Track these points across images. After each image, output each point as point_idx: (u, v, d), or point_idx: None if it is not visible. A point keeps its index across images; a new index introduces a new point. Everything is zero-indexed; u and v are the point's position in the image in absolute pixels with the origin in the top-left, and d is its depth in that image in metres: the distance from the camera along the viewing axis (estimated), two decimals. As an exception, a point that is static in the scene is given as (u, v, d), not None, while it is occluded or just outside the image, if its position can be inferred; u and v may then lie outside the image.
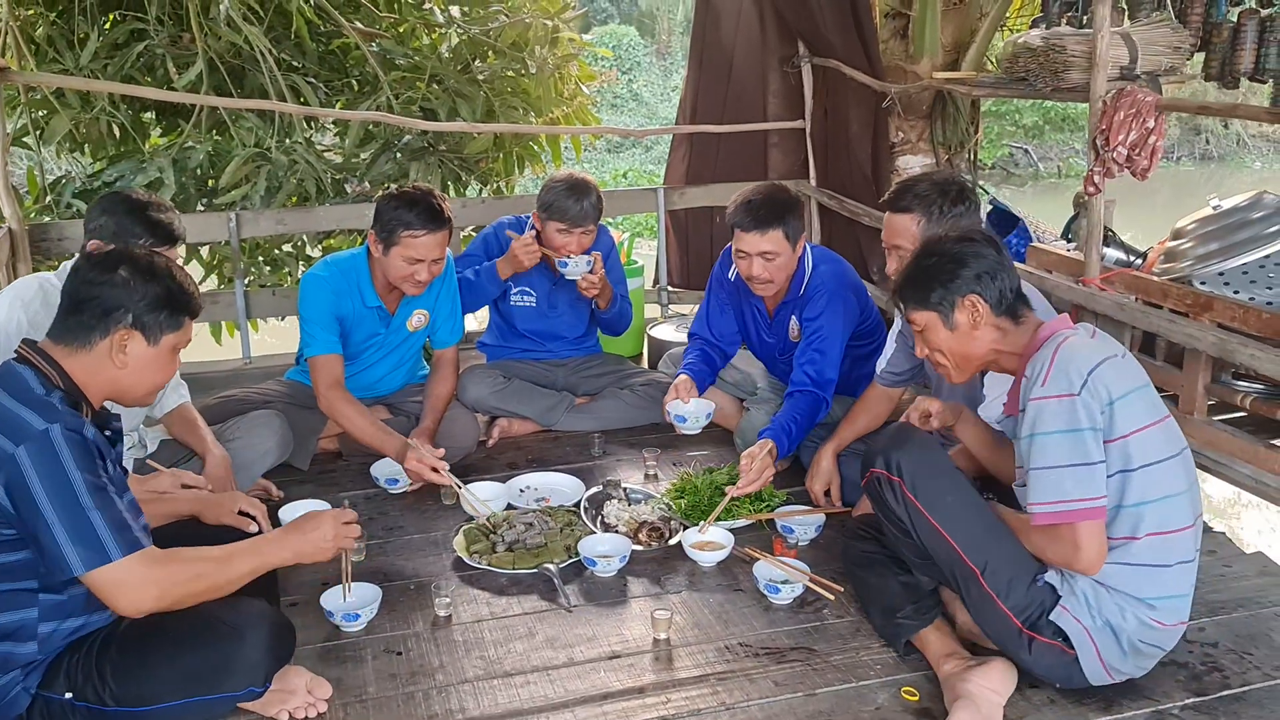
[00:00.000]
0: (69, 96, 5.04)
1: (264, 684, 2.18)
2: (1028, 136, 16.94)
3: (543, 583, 2.88)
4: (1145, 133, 3.46)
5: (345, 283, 3.50)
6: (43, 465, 1.89)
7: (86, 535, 1.92)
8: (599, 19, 19.62)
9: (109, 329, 2.06)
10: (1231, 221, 3.62)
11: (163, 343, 2.13)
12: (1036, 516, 2.17)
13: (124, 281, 2.07)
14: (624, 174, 15.12)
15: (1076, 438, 2.11)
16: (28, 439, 1.90)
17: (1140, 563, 2.17)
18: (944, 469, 2.38)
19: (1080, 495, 2.12)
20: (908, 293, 2.36)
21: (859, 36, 4.97)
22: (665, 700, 2.38)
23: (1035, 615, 2.23)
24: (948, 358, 2.36)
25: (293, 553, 2.26)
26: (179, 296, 2.13)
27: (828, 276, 3.47)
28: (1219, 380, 3.51)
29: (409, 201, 3.33)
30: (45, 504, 1.89)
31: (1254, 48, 3.90)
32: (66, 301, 2.09)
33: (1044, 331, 2.26)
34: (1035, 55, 3.92)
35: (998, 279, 2.27)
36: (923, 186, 2.87)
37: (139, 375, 2.12)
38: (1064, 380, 2.12)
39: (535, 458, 3.76)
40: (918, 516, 2.33)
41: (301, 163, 5.00)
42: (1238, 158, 17.49)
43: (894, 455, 2.37)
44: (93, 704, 2.08)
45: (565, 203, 3.72)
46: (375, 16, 5.65)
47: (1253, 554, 3.06)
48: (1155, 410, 2.21)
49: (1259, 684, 2.41)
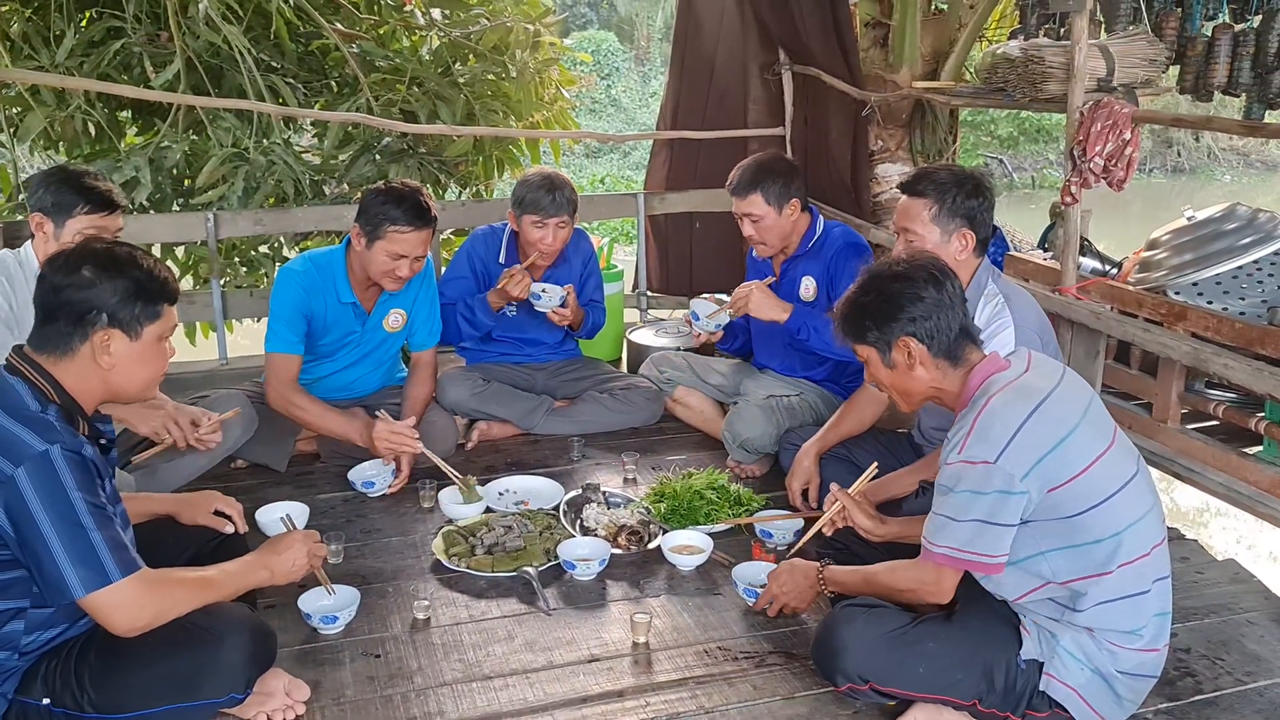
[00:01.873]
0: (44, 94, 4.97)
1: (245, 690, 2.15)
2: (1003, 147, 17.07)
3: (522, 586, 2.87)
4: (1121, 144, 3.50)
5: (320, 278, 3.51)
6: (43, 486, 1.87)
7: (87, 557, 1.91)
8: (578, 24, 19.61)
9: (87, 333, 2.01)
10: (1206, 233, 3.67)
11: (145, 335, 2.08)
12: (933, 554, 2.16)
13: (90, 281, 2.01)
14: (601, 179, 15.12)
15: (984, 499, 2.08)
16: (27, 460, 1.87)
17: (1119, 595, 2.12)
18: (899, 643, 2.23)
19: (976, 549, 2.11)
20: (846, 327, 2.32)
21: (839, 45, 5.01)
22: (644, 704, 2.38)
23: (1028, 697, 2.19)
24: (890, 390, 2.34)
25: (270, 573, 2.31)
26: (150, 285, 2.07)
27: (844, 234, 3.70)
28: (1192, 389, 3.55)
29: (397, 197, 3.37)
30: (46, 525, 1.87)
31: (1228, 62, 3.97)
32: (39, 312, 2.05)
33: (974, 379, 2.20)
34: (1014, 66, 3.97)
35: (933, 320, 2.20)
36: (942, 175, 2.89)
37: (129, 372, 2.08)
38: (982, 447, 2.07)
39: (514, 461, 3.75)
40: (904, 698, 2.27)
41: (280, 163, 4.96)
42: (1208, 170, 17.71)
43: (849, 666, 2.23)
44: (71, 710, 2.05)
45: (538, 195, 3.75)
46: (355, 18, 5.63)
47: (1224, 561, 3.10)
48: (1100, 439, 2.14)
49: (1230, 689, 2.45)
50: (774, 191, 3.56)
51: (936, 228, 2.85)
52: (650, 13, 19.53)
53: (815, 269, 3.67)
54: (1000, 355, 2.24)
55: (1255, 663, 2.55)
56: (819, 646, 2.33)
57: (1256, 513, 3.23)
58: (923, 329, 2.21)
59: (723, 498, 3.26)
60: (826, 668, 2.30)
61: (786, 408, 3.61)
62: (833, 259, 3.64)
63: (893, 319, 2.22)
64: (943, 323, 2.21)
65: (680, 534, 3.05)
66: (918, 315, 2.21)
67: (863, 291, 2.30)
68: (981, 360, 2.23)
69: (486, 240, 4.00)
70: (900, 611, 2.32)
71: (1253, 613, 2.78)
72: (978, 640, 2.22)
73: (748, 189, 3.58)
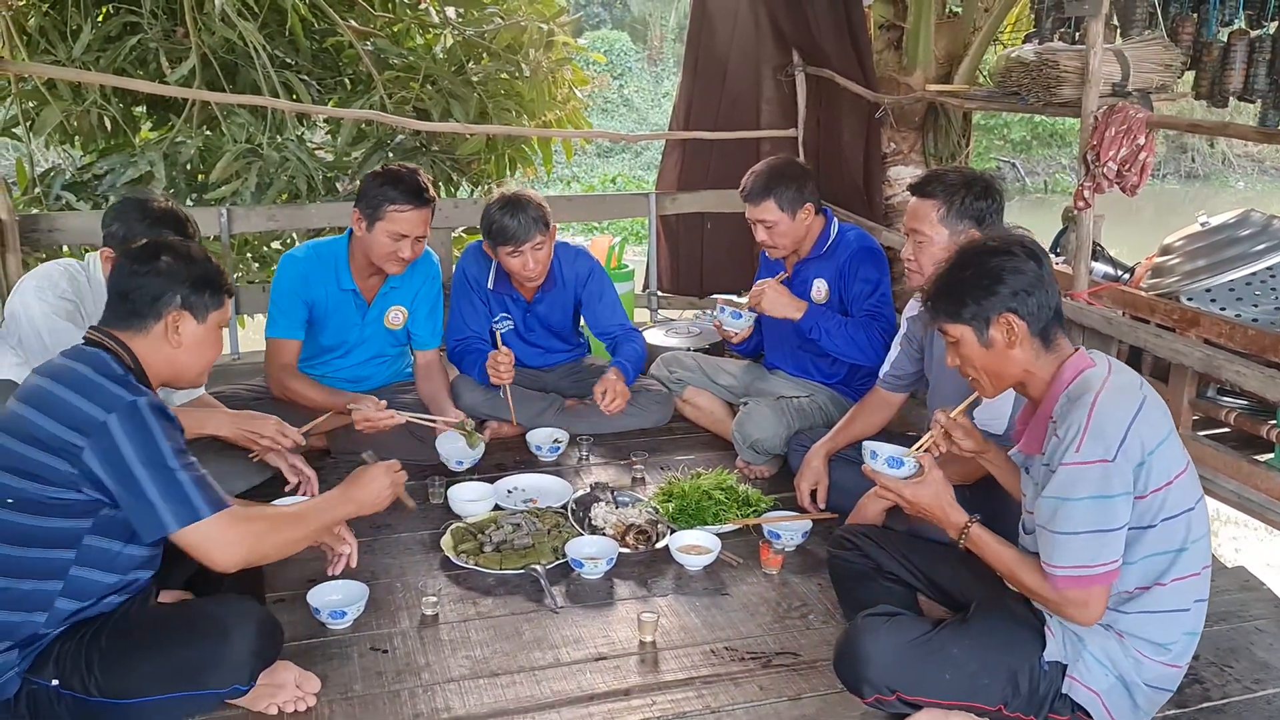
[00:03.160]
0: (60, 88, 5.00)
1: (249, 682, 2.19)
2: (1015, 151, 17.02)
3: (529, 583, 2.87)
4: (1136, 149, 3.48)
5: (321, 265, 3.57)
6: (133, 432, 2.01)
7: (177, 494, 2.05)
8: (591, 24, 19.61)
9: (161, 312, 2.21)
10: (1219, 239, 3.65)
11: (209, 320, 2.28)
12: (1056, 580, 2.08)
13: (168, 268, 2.22)
14: (613, 179, 15.13)
15: (1106, 504, 2.02)
16: (118, 409, 2.02)
17: (1163, 609, 2.11)
18: (923, 650, 2.19)
19: (1100, 560, 2.04)
20: (940, 304, 2.21)
21: (853, 47, 5.00)
22: (650, 703, 2.39)
23: (1050, 700, 2.17)
24: (980, 374, 2.22)
25: (356, 505, 2.45)
26: (215, 277, 2.29)
27: (859, 237, 3.68)
28: (1204, 395, 3.54)
29: (394, 178, 3.44)
30: (137, 467, 2.02)
31: (1243, 68, 3.94)
32: (115, 294, 2.23)
33: (1067, 371, 2.13)
34: (1028, 69, 3.95)
35: (1035, 296, 2.12)
36: (951, 176, 2.89)
37: (193, 353, 2.27)
38: (1099, 445, 2.00)
39: (523, 459, 3.75)
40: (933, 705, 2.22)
41: (293, 160, 4.99)
42: (1222, 177, 17.62)
43: (875, 677, 2.18)
44: (78, 693, 2.09)
45: (504, 222, 3.59)
46: (370, 16, 5.65)
47: (1234, 568, 3.09)
48: (1182, 454, 2.12)
49: (1238, 696, 2.44)
50: (787, 197, 3.56)
51: (945, 229, 2.84)
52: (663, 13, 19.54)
53: (828, 272, 3.67)
54: (1085, 352, 2.18)
55: (1264, 670, 2.54)
56: (842, 658, 2.26)
57: (1267, 520, 3.21)
58: (1024, 305, 2.12)
59: (731, 498, 3.26)
60: (851, 679, 2.23)
61: (797, 409, 3.61)
62: (846, 262, 3.63)
63: (993, 293, 2.13)
64: (1043, 299, 2.13)
65: (688, 534, 3.05)
66: (1020, 289, 2.12)
67: (959, 266, 2.20)
68: (1074, 353, 2.17)
69: (477, 261, 3.91)
70: (922, 619, 2.31)
71: (1262, 620, 2.77)
72: (1002, 644, 2.19)
73: (761, 196, 3.57)
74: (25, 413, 2.04)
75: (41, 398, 2.05)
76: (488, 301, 3.92)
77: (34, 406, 2.04)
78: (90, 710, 2.11)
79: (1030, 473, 2.25)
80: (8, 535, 2.04)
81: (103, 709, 2.10)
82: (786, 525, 3.10)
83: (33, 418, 2.03)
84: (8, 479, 2.03)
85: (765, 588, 2.90)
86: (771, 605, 2.81)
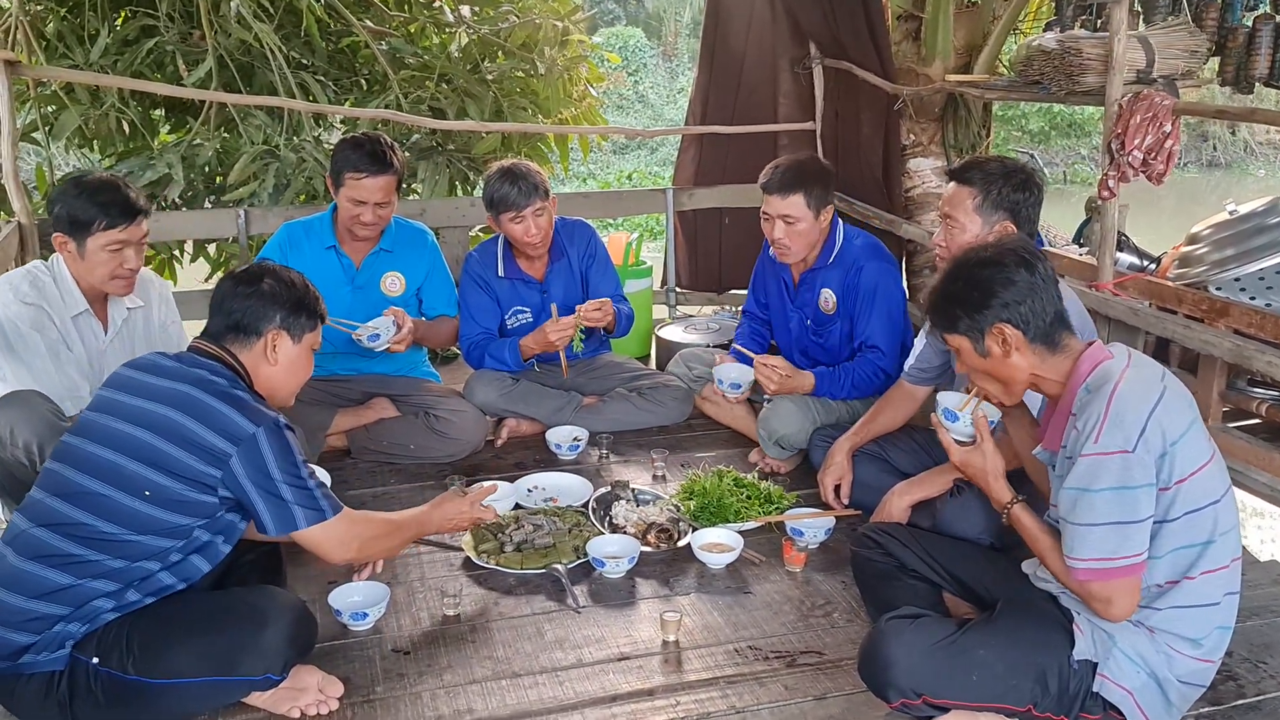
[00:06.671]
0: (79, 92, 5.02)
1: (282, 672, 2.23)
2: (1034, 142, 16.89)
3: (551, 583, 2.86)
4: (1162, 137, 3.43)
5: (301, 232, 3.70)
6: (276, 445, 2.22)
7: (308, 500, 2.26)
8: (605, 20, 19.59)
9: (262, 330, 2.35)
10: (1248, 227, 3.60)
11: (304, 340, 2.42)
12: (1076, 572, 2.06)
13: (270, 290, 2.37)
14: (629, 175, 15.11)
15: (1127, 495, 1.99)
16: (264, 424, 2.21)
17: (1192, 603, 2.08)
18: (949, 652, 2.15)
19: (1123, 553, 2.01)
20: (936, 317, 2.24)
21: (871, 38, 4.95)
22: (674, 703, 2.36)
23: (1081, 699, 2.14)
24: (987, 381, 2.24)
25: (437, 526, 2.71)
26: (311, 302, 2.44)
27: (866, 246, 3.60)
28: (1234, 387, 3.49)
29: (355, 144, 3.52)
30: (277, 473, 2.21)
31: (1269, 53, 3.89)
32: (218, 312, 2.37)
33: (1084, 365, 2.12)
34: (1050, 58, 3.90)
35: (1028, 304, 2.12)
36: (992, 165, 2.85)
37: (288, 372, 2.41)
38: (1119, 435, 1.99)
39: (543, 458, 3.73)
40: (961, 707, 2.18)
41: (310, 160, 4.99)
42: (1244, 165, 17.43)
43: (900, 680, 2.15)
44: (114, 670, 2.13)
45: (503, 190, 3.64)
46: (385, 15, 5.64)
47: (1266, 562, 3.05)
48: (1208, 444, 2.09)
49: (1273, 693, 2.40)
50: (815, 195, 3.46)
51: (979, 218, 2.80)
52: (678, 8, 19.49)
53: (834, 280, 3.59)
54: (1101, 345, 2.17)
55: (1299, 666, 2.50)
56: (866, 662, 2.23)
57: (1300, 513, 3.16)
58: (1017, 314, 2.12)
59: (753, 495, 3.23)
60: (877, 684, 2.20)
61: (822, 404, 3.57)
62: (852, 268, 3.55)
63: (984, 305, 2.14)
64: (1037, 306, 2.13)
65: (710, 532, 3.02)
66: (1010, 300, 2.12)
67: (950, 279, 2.22)
68: (1088, 347, 2.15)
69: (482, 259, 3.91)
70: (946, 620, 2.28)
71: (1296, 615, 2.72)
72: (1029, 644, 2.16)
73: (791, 189, 3.45)
74: (175, 416, 2.18)
75: (191, 405, 2.19)
76: (501, 293, 3.90)
77: (184, 412, 2.18)
78: (123, 689, 2.13)
79: (1055, 469, 2.22)
80: (131, 521, 2.15)
81: (136, 688, 2.13)
82: (809, 522, 3.07)
83: (186, 423, 2.17)
84: (151, 474, 2.16)
85: (789, 586, 2.87)
86: (795, 603, 2.78)
